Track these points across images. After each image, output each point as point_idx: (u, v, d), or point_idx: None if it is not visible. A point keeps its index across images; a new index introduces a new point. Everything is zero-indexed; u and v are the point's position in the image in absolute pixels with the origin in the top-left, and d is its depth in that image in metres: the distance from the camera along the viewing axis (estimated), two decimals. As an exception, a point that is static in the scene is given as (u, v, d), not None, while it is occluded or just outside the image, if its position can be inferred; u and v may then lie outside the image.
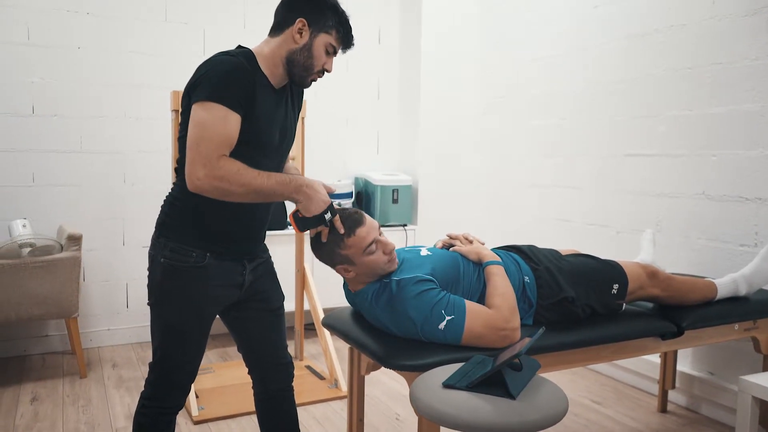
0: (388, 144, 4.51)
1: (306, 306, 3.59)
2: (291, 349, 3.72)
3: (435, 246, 2.04)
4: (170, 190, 1.73)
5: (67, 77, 3.57)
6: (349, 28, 1.72)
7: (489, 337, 1.74)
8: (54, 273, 3.08)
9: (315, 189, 1.63)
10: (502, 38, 4.17)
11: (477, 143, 4.41)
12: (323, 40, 1.67)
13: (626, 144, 3.25)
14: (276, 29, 1.69)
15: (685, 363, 2.96)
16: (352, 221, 1.71)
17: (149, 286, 1.71)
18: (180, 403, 1.74)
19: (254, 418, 2.78)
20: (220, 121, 1.53)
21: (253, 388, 1.94)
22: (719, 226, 2.81)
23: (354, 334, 1.89)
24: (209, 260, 1.66)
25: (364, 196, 4.23)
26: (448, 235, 2.06)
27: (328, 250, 1.75)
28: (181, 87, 3.81)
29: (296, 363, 3.44)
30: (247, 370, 1.93)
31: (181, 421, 2.72)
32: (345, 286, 1.95)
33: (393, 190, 4.13)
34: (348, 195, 4.12)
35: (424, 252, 1.91)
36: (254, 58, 1.65)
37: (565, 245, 3.64)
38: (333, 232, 1.72)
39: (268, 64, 1.66)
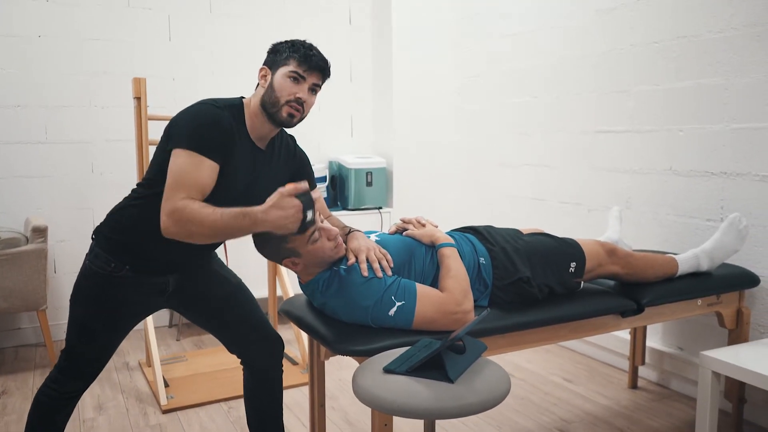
0: (363, 127, 4.47)
1: (279, 292, 3.58)
2: (266, 336, 3.70)
3: (388, 232, 2.01)
4: (120, 201, 1.76)
5: (29, 67, 3.50)
6: (308, 50, 1.70)
7: (441, 321, 1.72)
8: (19, 266, 3.04)
9: (275, 212, 1.50)
10: (473, 15, 4.11)
11: (452, 123, 4.37)
12: (282, 72, 1.70)
13: (597, 120, 3.23)
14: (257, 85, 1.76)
15: (654, 339, 2.96)
16: None
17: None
18: (79, 389, 1.79)
19: (223, 405, 2.77)
20: (194, 168, 1.56)
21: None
22: (686, 202, 2.80)
23: (307, 320, 1.87)
24: (126, 272, 1.71)
25: (338, 180, 4.20)
26: (401, 220, 2.03)
27: (272, 247, 1.73)
28: (147, 74, 3.76)
29: (270, 349, 3.43)
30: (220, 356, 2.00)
31: (150, 411, 2.71)
32: (299, 277, 1.93)
33: (367, 173, 4.10)
34: (322, 179, 4.09)
35: (373, 238, 1.88)
36: (243, 110, 1.71)
37: (539, 225, 3.63)
38: None
39: (251, 114, 1.71)
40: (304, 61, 1.68)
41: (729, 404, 2.52)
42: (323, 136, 4.33)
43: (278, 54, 1.71)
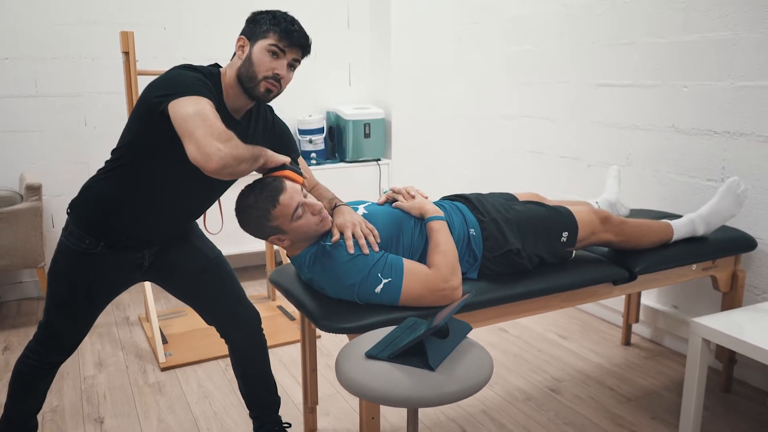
0: (361, 76, 4.36)
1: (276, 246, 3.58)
2: (263, 289, 3.74)
3: (377, 202, 1.98)
4: (93, 175, 1.71)
5: (16, 18, 3.40)
6: (289, 24, 1.63)
7: (428, 297, 1.71)
8: (15, 224, 3.04)
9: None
10: (475, -42, 3.94)
11: (451, 72, 4.25)
12: (261, 45, 1.63)
13: (599, 73, 3.12)
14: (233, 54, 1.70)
15: (649, 297, 2.97)
16: (273, 189, 1.65)
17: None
18: (58, 360, 1.82)
19: (220, 362, 2.82)
20: (210, 107, 1.47)
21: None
22: (687, 160, 2.74)
23: (295, 293, 1.87)
24: (101, 249, 1.69)
25: (336, 131, 4.13)
26: (391, 189, 2.00)
27: (256, 225, 1.70)
28: (137, 23, 3.64)
29: (268, 303, 3.47)
30: None
31: (149, 368, 2.76)
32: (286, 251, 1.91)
33: (365, 125, 4.02)
34: (319, 131, 4.02)
35: (361, 210, 1.85)
36: (219, 79, 1.65)
37: (538, 179, 3.59)
38: (259, 206, 1.67)
39: (226, 85, 1.66)
40: (285, 35, 1.62)
41: (719, 363, 2.54)
42: (320, 85, 4.23)
43: (258, 25, 1.64)
